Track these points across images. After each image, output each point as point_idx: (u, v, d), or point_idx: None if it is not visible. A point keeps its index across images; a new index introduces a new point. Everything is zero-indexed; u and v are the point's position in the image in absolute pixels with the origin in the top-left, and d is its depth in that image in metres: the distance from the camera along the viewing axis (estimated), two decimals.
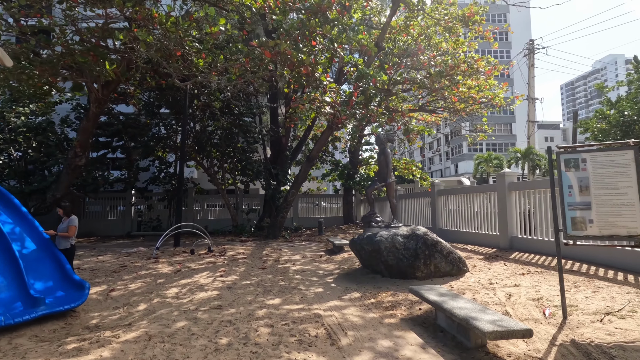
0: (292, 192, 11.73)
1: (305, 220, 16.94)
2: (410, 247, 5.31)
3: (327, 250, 9.35)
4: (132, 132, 13.70)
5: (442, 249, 5.29)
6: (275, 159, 15.42)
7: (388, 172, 5.94)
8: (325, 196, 18.43)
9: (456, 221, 9.11)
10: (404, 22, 11.04)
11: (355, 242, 5.94)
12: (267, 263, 7.34)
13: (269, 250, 9.24)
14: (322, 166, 17.34)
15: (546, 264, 5.54)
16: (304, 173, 11.55)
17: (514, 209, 7.14)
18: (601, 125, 12.93)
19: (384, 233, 5.58)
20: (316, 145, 11.01)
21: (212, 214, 16.75)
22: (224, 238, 12.50)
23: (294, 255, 8.48)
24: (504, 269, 5.52)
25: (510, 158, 24.92)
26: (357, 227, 14.79)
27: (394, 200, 6.16)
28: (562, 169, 3.56)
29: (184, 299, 4.70)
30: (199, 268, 6.71)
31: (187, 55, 7.71)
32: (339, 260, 7.60)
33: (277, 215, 12.34)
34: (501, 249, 7.25)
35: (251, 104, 13.95)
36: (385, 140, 6.11)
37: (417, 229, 5.61)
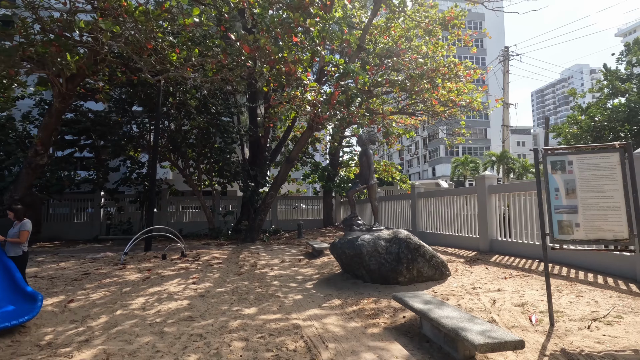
0: (271, 194, 11.41)
1: (284, 223, 16.62)
2: (392, 252, 5.14)
3: (306, 254, 9.10)
4: (102, 130, 12.97)
5: (425, 253, 5.16)
6: (254, 160, 15.04)
7: (370, 173, 5.77)
8: (304, 198, 18.18)
9: (436, 224, 9.07)
10: (384, 24, 10.98)
11: (335, 246, 5.72)
12: (243, 268, 7.01)
13: (246, 255, 8.89)
14: (302, 168, 17.09)
15: (527, 267, 5.51)
16: (283, 174, 11.26)
17: (494, 211, 7.13)
18: (573, 130, 13.36)
19: (366, 237, 5.39)
20: (296, 146, 10.76)
21: (187, 217, 16.15)
22: (200, 242, 12.03)
23: (272, 260, 8.18)
24: (485, 272, 5.45)
25: (486, 161, 25.54)
26: (336, 230, 14.61)
27: (375, 202, 5.99)
28: (548, 171, 3.47)
29: (150, 310, 4.32)
30: (170, 275, 6.30)
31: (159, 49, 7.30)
32: (319, 264, 7.37)
33: (255, 217, 11.98)
34: (481, 251, 7.23)
35: (229, 103, 13.54)
36: (368, 141, 5.94)
37: (400, 232, 5.46)
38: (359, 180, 6.08)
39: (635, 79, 12.23)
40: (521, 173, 23.98)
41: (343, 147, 16.52)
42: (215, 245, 10.89)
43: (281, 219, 16.89)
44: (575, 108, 14.21)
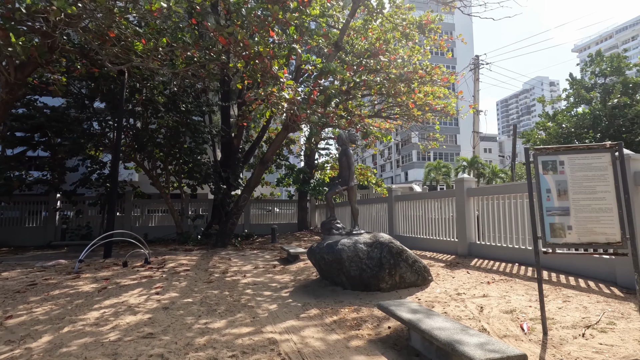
0: (244, 197, 10.92)
1: (257, 227, 16.09)
2: (374, 256, 4.88)
3: (281, 259, 8.70)
4: (58, 127, 11.95)
5: (408, 257, 4.93)
6: (226, 162, 14.47)
7: (350, 174, 5.51)
8: (278, 202, 17.73)
9: (414, 227, 8.96)
10: (362, 25, 10.86)
11: (313, 251, 5.39)
12: (213, 276, 6.52)
13: (217, 261, 8.36)
14: (277, 170, 16.66)
15: (508, 271, 5.42)
16: (257, 176, 10.81)
17: (473, 215, 7.07)
18: (541, 137, 13.84)
19: (346, 241, 5.10)
20: (271, 147, 10.35)
21: (153, 221, 15.26)
22: (166, 247, 11.30)
23: (244, 266, 7.71)
24: (467, 277, 5.30)
25: (458, 166, 26.18)
26: (311, 234, 14.28)
27: (355, 205, 5.73)
28: (540, 172, 3.32)
29: (105, 326, 3.80)
30: (130, 284, 5.71)
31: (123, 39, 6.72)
32: (295, 270, 7.00)
33: (227, 221, 11.42)
34: (460, 255, 7.14)
35: (200, 101, 12.93)
36: (348, 140, 5.68)
37: (381, 236, 5.21)
38: (338, 182, 5.79)
39: (599, 88, 12.87)
40: (491, 178, 24.78)
41: (319, 149, 16.25)
42: (183, 251, 10.24)
43: (254, 223, 16.35)
44: (543, 115, 14.78)
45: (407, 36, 10.64)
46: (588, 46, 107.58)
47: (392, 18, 10.34)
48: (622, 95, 11.44)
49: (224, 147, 14.83)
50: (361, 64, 8.97)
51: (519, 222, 5.98)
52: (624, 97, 11.33)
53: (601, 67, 13.02)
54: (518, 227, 6.00)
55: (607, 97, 12.01)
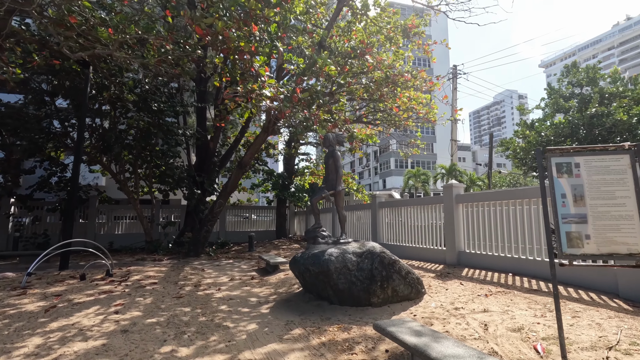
0: (220, 203, 10.27)
1: (233, 235, 15.35)
2: (364, 268, 4.44)
3: (259, 269, 8.11)
4: (14, 125, 10.89)
5: (401, 269, 4.53)
6: (201, 166, 13.73)
7: (338, 178, 5.07)
8: (256, 208, 17.07)
9: (399, 235, 8.62)
10: (346, 27, 10.58)
11: (297, 262, 4.89)
12: (183, 289, 5.87)
13: (189, 272, 7.67)
14: (255, 176, 16.04)
15: (504, 282, 5.12)
16: (234, 181, 10.20)
17: (462, 222, 6.80)
18: (521, 145, 14.02)
19: (333, 251, 4.64)
20: (249, 150, 9.80)
21: (120, 228, 14.23)
22: (133, 257, 10.43)
23: (219, 277, 7.08)
24: (462, 289, 4.96)
25: (437, 174, 26.43)
26: (290, 242, 13.72)
27: (343, 212, 5.29)
28: (553, 175, 3.01)
29: (47, 356, 3.14)
30: (86, 301, 4.99)
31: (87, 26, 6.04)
32: (275, 282, 6.46)
33: (201, 229, 10.70)
34: (448, 264, 6.83)
35: (174, 101, 12.19)
36: (335, 142, 5.26)
37: (371, 245, 4.79)
38: (324, 186, 5.34)
39: (577, 98, 13.22)
40: (469, 185, 25.11)
41: (299, 154, 15.79)
42: (151, 261, 9.44)
43: (230, 230, 15.61)
44: (521, 124, 15.05)
45: (391, 40, 10.44)
46: (553, 62, 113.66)
47: (377, 21, 10.13)
48: (600, 105, 11.76)
49: (199, 151, 14.10)
50: (346, 64, 8.62)
51: (512, 230, 5.74)
52: (602, 107, 11.63)
53: (578, 77, 13.39)
54: (510, 235, 5.75)
55: (584, 107, 12.32)
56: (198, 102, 13.37)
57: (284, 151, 14.84)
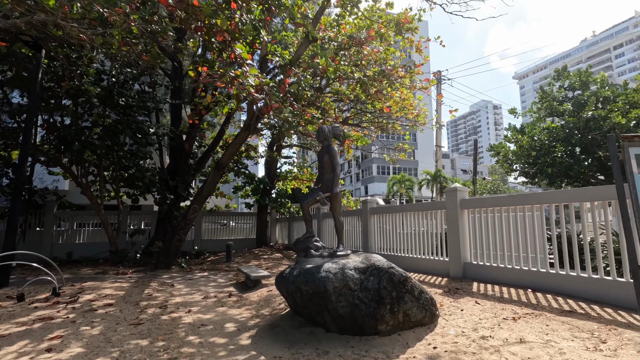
0: (194, 208, 9.23)
1: (209, 244, 14.20)
2: (370, 287, 3.61)
3: (238, 284, 7.15)
4: None
5: (413, 288, 3.73)
6: (175, 169, 12.61)
7: (335, 177, 4.25)
8: (235, 214, 15.99)
9: (393, 244, 7.87)
10: (335, 21, 9.89)
11: (285, 279, 4.01)
12: (145, 312, 4.85)
13: (155, 288, 6.62)
14: (234, 179, 15.00)
15: (525, 300, 4.41)
16: (210, 184, 9.20)
17: (468, 230, 6.10)
18: (514, 149, 13.69)
19: (331, 266, 3.79)
20: (228, 150, 8.84)
21: (82, 237, 12.84)
22: (94, 269, 9.21)
23: (191, 295, 6.08)
24: (480, 309, 4.21)
25: (421, 180, 26.08)
26: (272, 251, 12.75)
27: (340, 218, 4.45)
28: (633, 169, 2.30)
29: None
30: (13, 333, 3.91)
31: None
32: (256, 300, 5.53)
33: (173, 237, 9.60)
34: (452, 277, 6.11)
35: (145, 96, 11.09)
36: (331, 135, 4.44)
37: (377, 259, 3.97)
38: (318, 187, 4.50)
39: (571, 101, 13.04)
40: None
41: (281, 157, 14.89)
42: (114, 275, 8.27)
43: (206, 239, 14.46)
44: (511, 128, 14.80)
45: (382, 37, 9.81)
46: (526, 74, 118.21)
47: (369, 14, 9.47)
48: (596, 109, 11.60)
49: (173, 152, 12.98)
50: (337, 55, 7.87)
51: (528, 239, 5.08)
52: (599, 110, 11.46)
53: (571, 81, 13.26)
54: (527, 245, 5.08)
55: (579, 110, 12.13)
56: (173, 99, 12.30)
57: (265, 154, 13.90)
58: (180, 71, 12.63)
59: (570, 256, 4.61)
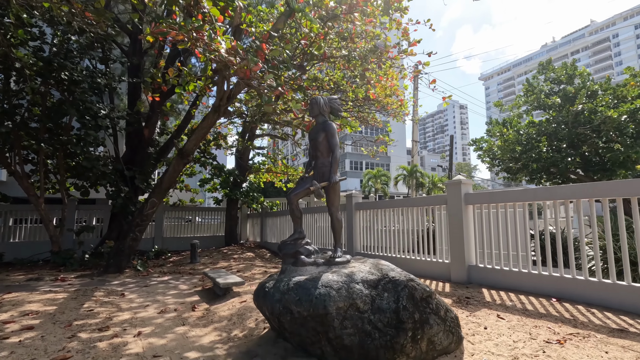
0: (152, 202, 7.95)
1: (172, 242, 12.83)
2: (385, 308, 2.71)
3: (204, 291, 6.05)
4: None
5: (439, 306, 2.87)
6: (133, 158, 11.14)
7: (333, 162, 3.28)
8: (201, 210, 14.63)
9: (382, 243, 7.06)
10: None
11: (269, 296, 3.02)
12: (78, 338, 3.68)
13: (100, 299, 5.38)
14: (200, 171, 13.63)
15: (557, 314, 3.70)
16: (172, 174, 7.95)
17: (472, 229, 5.37)
18: (498, 144, 13.36)
19: (331, 279, 2.85)
20: (194, 135, 7.64)
21: (20, 234, 11.07)
22: (27, 274, 7.71)
23: (144, 308, 4.92)
24: (508, 327, 3.43)
25: (397, 175, 25.70)
26: (242, 250, 11.63)
27: (338, 214, 3.49)
28: None
29: None
30: None
31: None
32: (227, 315, 4.49)
33: (127, 235, 8.25)
34: (455, 282, 5.37)
35: (94, 71, 9.55)
36: (328, 107, 3.48)
37: (388, 267, 3.08)
38: (310, 174, 3.54)
39: (559, 94, 12.85)
40: (431, 188, 24.71)
41: (254, 147, 13.71)
42: (50, 282, 6.87)
43: (168, 237, 13.06)
44: (494, 123, 14.51)
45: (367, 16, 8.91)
46: (491, 76, 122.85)
47: None
48: (587, 102, 11.44)
49: (131, 139, 11.47)
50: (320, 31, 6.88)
51: (548, 240, 4.39)
52: (589, 104, 11.30)
53: (557, 74, 13.10)
54: (546, 247, 4.40)
55: (568, 104, 11.94)
56: (130, 77, 10.78)
57: (237, 144, 12.67)
58: (139, 46, 11.13)
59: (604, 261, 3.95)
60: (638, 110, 10.32)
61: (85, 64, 10.74)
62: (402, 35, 9.61)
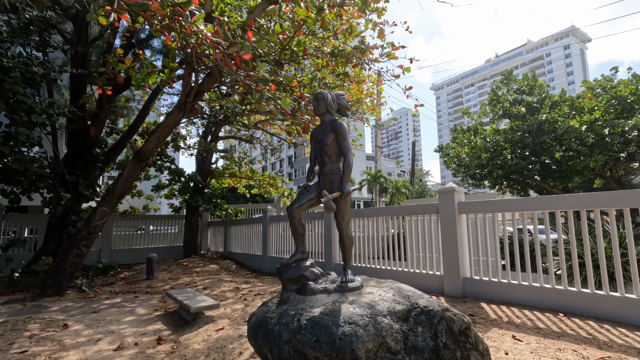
0: (103, 211, 6.87)
1: (122, 254, 11.49)
2: (421, 346, 2.24)
3: (166, 315, 5.21)
4: None
5: (477, 339, 2.46)
6: (76, 160, 9.79)
7: (346, 169, 2.75)
8: (156, 218, 13.33)
9: (367, 254, 6.66)
10: None
11: (273, 335, 2.42)
12: None
13: (34, 335, 4.36)
14: (155, 175, 12.40)
15: (573, 332, 3.48)
16: (127, 179, 6.94)
17: (466, 239, 5.13)
18: (466, 150, 13.64)
19: (353, 312, 2.32)
20: (154, 135, 6.72)
21: None
22: None
23: (94, 344, 4.03)
24: (530, 351, 3.13)
25: (362, 180, 25.70)
26: (205, 262, 10.67)
27: (349, 229, 2.98)
28: None
29: None
30: None
31: None
32: (203, 349, 3.77)
33: (69, 250, 7.05)
34: (448, 295, 5.09)
35: (29, 58, 8.19)
36: (335, 105, 2.97)
37: (415, 293, 2.62)
38: (314, 183, 3.00)
39: (523, 104, 13.43)
40: (394, 192, 24.99)
41: (218, 150, 12.77)
42: None
43: (117, 249, 11.69)
44: (458, 130, 14.88)
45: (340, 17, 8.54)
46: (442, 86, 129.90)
47: None
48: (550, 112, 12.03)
49: (73, 138, 10.07)
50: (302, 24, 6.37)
51: (549, 251, 4.23)
52: (553, 113, 11.88)
53: (520, 85, 13.71)
54: (549, 258, 4.23)
55: (531, 113, 12.49)
56: (74, 67, 9.44)
57: (199, 145, 11.66)
58: (85, 34, 9.84)
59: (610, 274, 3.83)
60: (596, 120, 11.11)
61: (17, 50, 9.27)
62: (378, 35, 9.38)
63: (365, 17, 8.62)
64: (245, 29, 4.48)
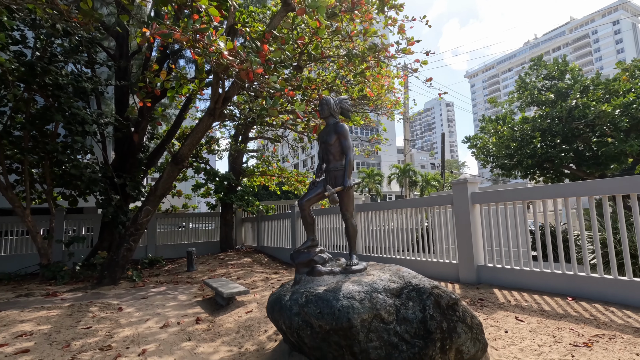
0: (147, 210, 7.68)
1: (165, 249, 12.51)
2: (411, 317, 2.58)
3: (205, 301, 5.84)
4: None
5: (465, 313, 2.75)
6: (123, 165, 10.81)
7: (348, 165, 3.15)
8: (195, 215, 14.32)
9: (385, 244, 6.95)
10: None
11: (285, 309, 2.86)
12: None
13: (96, 315, 5.12)
14: (192, 176, 13.34)
15: (576, 314, 3.63)
16: (166, 181, 7.70)
17: (480, 228, 5.30)
18: (493, 140, 13.42)
19: (352, 289, 2.70)
20: (188, 139, 7.40)
21: (4, 248, 10.62)
22: (16, 290, 7.35)
23: (145, 323, 4.70)
24: (529, 330, 3.35)
25: (391, 174, 25.69)
26: (240, 256, 11.40)
27: (353, 219, 3.36)
28: None
29: None
30: None
31: None
32: (234, 327, 4.30)
33: (120, 246, 7.96)
34: (464, 282, 5.29)
35: (80, 75, 9.20)
36: (338, 108, 3.34)
37: (410, 274, 2.95)
38: (321, 179, 3.39)
39: (552, 90, 12.98)
40: (424, 186, 24.78)
41: (247, 151, 13.48)
42: (42, 296, 6.55)
43: (162, 244, 12.73)
44: (486, 120, 14.60)
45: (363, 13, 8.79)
46: (476, 73, 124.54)
47: None
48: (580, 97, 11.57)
49: (120, 145, 11.12)
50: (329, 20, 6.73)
51: (560, 238, 4.34)
52: (583, 99, 11.43)
53: (550, 70, 13.23)
54: (558, 244, 4.34)
55: (561, 99, 12.06)
56: (118, 80, 10.44)
57: (230, 146, 12.42)
58: (126, 49, 10.80)
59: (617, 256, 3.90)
60: (631, 104, 10.51)
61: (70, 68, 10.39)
62: (399, 32, 9.53)
63: (385, 15, 8.86)
64: (262, 41, 4.93)
